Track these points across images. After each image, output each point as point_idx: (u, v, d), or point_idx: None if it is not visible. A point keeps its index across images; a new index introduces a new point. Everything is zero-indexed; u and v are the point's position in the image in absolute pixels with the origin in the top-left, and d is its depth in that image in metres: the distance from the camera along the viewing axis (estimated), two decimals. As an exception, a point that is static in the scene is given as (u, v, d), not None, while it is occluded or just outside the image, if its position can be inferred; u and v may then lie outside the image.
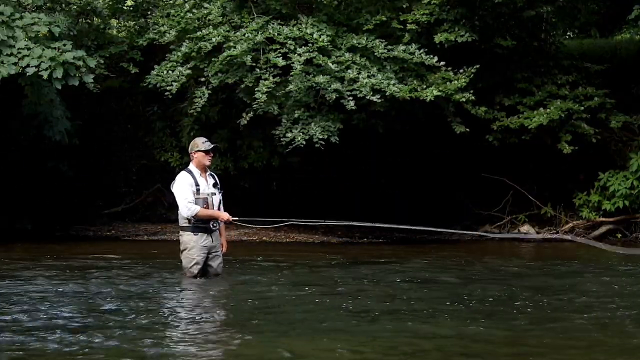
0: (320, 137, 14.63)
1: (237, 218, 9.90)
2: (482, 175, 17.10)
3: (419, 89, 14.90)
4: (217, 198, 9.86)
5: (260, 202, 17.22)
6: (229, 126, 16.63)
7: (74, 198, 17.32)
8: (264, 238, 16.34)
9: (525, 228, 16.64)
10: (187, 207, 9.63)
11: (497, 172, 17.02)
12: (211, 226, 9.76)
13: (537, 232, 16.68)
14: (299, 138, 14.66)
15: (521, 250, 15.24)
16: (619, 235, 16.42)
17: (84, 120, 17.02)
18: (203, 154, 9.79)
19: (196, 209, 9.61)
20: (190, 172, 9.79)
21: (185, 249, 9.86)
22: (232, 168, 16.58)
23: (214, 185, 9.87)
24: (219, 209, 9.85)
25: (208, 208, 9.70)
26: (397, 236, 16.83)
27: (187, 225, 9.78)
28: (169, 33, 15.65)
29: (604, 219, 16.45)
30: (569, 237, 10.11)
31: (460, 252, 14.21)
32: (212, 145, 9.92)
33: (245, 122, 15.17)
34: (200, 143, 9.84)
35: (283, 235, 16.46)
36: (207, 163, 9.83)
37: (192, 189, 9.66)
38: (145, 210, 17.92)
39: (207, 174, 9.90)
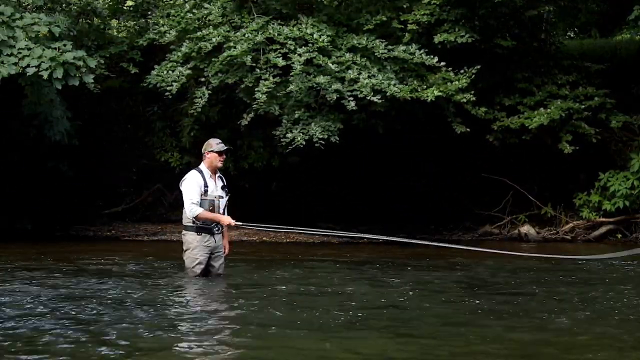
0: (321, 137, 14.63)
1: (240, 223, 9.82)
2: (482, 175, 17.11)
3: (419, 89, 14.90)
4: (224, 201, 9.85)
5: (260, 203, 17.24)
6: (229, 126, 16.62)
7: (74, 198, 17.29)
8: (264, 238, 16.33)
9: (525, 228, 16.65)
10: (190, 208, 9.63)
11: (497, 172, 17.03)
12: (214, 230, 9.75)
13: (537, 233, 16.69)
14: (299, 138, 14.65)
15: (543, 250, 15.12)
16: (619, 236, 16.43)
17: (84, 120, 17.00)
18: (216, 154, 9.78)
19: (198, 210, 9.60)
20: (200, 172, 9.79)
21: (188, 249, 9.85)
22: (232, 168, 16.57)
23: (223, 187, 9.88)
24: (223, 212, 9.84)
25: (214, 211, 9.69)
26: (397, 236, 16.80)
27: (191, 225, 9.77)
28: (169, 33, 15.65)
29: (604, 219, 16.45)
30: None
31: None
32: (226, 147, 9.92)
33: (246, 122, 15.18)
34: (215, 144, 9.85)
35: (283, 236, 16.45)
36: (220, 165, 9.83)
37: (200, 190, 9.65)
38: (145, 210, 17.91)
39: (217, 175, 9.89)
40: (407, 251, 13.94)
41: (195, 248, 9.77)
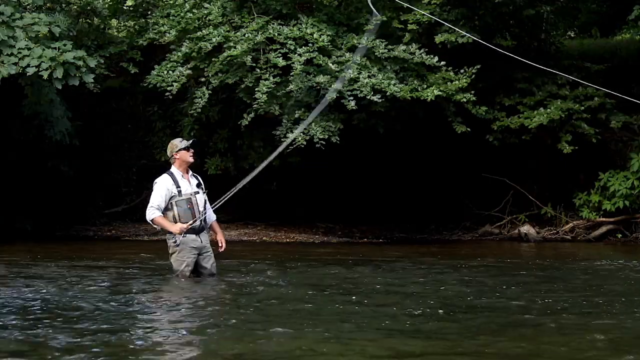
0: (321, 137, 14.63)
1: (187, 225, 9.61)
2: (482, 175, 17.11)
3: (419, 89, 14.90)
4: (201, 197, 9.80)
5: (260, 203, 17.24)
6: (229, 126, 16.64)
7: (74, 198, 17.30)
8: (264, 238, 16.34)
9: (525, 228, 16.65)
10: (148, 211, 9.68)
11: (497, 172, 17.03)
12: (167, 238, 9.75)
13: (537, 232, 16.69)
14: (300, 138, 14.64)
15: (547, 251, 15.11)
16: (619, 235, 16.43)
17: (84, 120, 17.00)
18: (185, 151, 9.76)
19: (154, 214, 9.61)
20: (171, 175, 9.73)
21: (174, 252, 9.80)
22: (232, 168, 16.57)
23: (198, 185, 9.86)
24: (204, 208, 9.81)
25: (192, 207, 9.66)
26: (397, 236, 16.82)
27: None
28: (169, 33, 15.63)
29: (604, 219, 16.45)
30: None
31: (507, 254, 14.23)
32: (192, 140, 9.90)
33: (247, 122, 15.18)
34: (179, 142, 9.84)
35: (283, 236, 16.46)
36: (191, 160, 9.79)
37: (168, 194, 9.61)
38: (145, 210, 17.87)
39: (190, 174, 9.87)
40: (420, 249, 13.97)
41: (181, 250, 9.74)
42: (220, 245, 9.97)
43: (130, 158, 18.18)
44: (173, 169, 9.80)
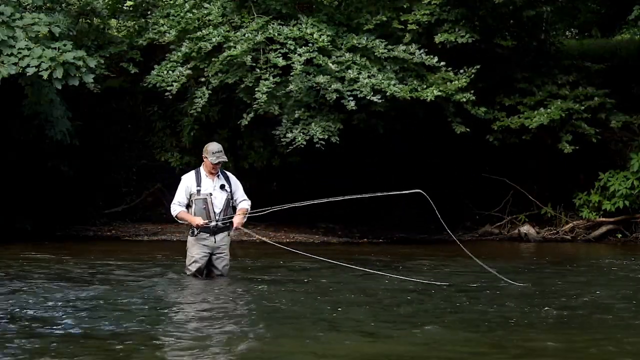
0: (321, 137, 14.64)
1: (204, 222, 9.81)
2: (482, 175, 17.11)
3: (419, 89, 14.91)
4: (220, 198, 9.93)
5: (260, 203, 17.20)
6: (229, 126, 16.64)
7: (74, 198, 17.28)
8: (263, 238, 16.30)
9: (525, 228, 16.65)
10: (171, 207, 10.00)
11: (497, 172, 17.03)
12: (190, 231, 9.95)
13: (537, 232, 16.69)
14: (300, 138, 14.66)
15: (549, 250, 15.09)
16: (619, 235, 16.43)
17: (84, 120, 16.99)
18: (209, 163, 9.91)
19: (176, 210, 9.93)
20: (197, 172, 9.99)
21: (187, 248, 10.06)
22: (232, 168, 16.55)
23: (222, 187, 9.93)
24: (226, 208, 9.93)
25: (207, 208, 9.85)
26: (397, 236, 16.81)
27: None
28: (169, 33, 15.64)
29: (604, 219, 16.45)
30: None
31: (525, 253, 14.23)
32: (218, 161, 9.90)
33: (247, 122, 15.18)
34: (211, 153, 9.93)
35: (284, 236, 16.44)
36: (213, 172, 9.98)
37: (188, 191, 9.88)
38: (145, 210, 17.89)
39: (217, 174, 9.97)
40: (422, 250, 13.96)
41: (192, 247, 9.98)
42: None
43: (130, 158, 18.16)
44: (202, 166, 10.03)
